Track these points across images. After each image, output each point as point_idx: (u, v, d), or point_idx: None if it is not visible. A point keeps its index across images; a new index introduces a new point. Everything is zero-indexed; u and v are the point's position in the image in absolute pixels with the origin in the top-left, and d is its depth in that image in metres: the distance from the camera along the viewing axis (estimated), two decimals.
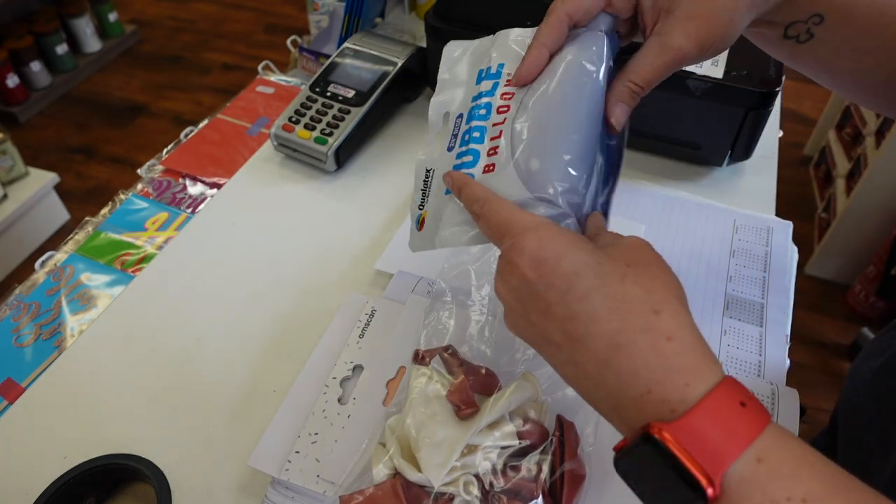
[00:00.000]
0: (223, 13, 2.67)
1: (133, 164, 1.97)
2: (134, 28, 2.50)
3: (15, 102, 2.09)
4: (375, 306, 0.51)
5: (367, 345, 0.49)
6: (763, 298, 0.54)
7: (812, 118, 2.07)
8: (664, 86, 0.61)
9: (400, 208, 0.64)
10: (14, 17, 2.11)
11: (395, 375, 0.46)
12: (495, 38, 0.42)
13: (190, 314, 0.55)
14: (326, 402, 0.45)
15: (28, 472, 0.45)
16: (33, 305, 0.57)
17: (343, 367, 0.47)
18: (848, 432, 0.49)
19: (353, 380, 0.47)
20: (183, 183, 0.70)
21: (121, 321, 0.54)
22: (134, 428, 0.47)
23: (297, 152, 0.67)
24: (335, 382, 0.46)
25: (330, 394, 0.46)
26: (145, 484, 0.44)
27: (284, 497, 0.41)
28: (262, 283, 0.57)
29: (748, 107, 0.60)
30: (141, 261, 0.61)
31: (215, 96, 2.24)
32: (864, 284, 1.52)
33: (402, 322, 0.49)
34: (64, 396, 0.49)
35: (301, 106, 0.68)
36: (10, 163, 1.65)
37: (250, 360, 0.51)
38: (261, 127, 0.76)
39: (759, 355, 0.50)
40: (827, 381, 1.44)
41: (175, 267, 0.59)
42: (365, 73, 0.70)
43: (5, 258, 1.66)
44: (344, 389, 0.46)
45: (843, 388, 0.50)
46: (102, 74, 2.35)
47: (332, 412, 0.45)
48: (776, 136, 0.73)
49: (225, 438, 0.46)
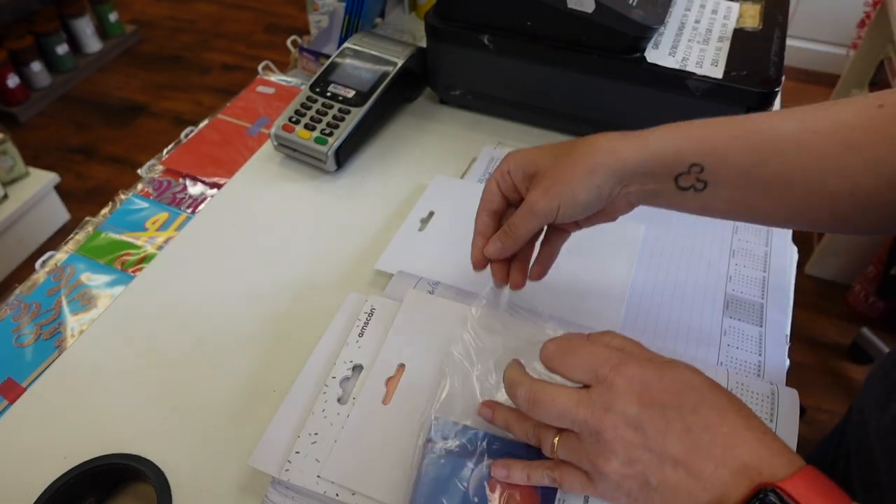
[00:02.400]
0: (223, 13, 2.67)
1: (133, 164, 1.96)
2: (134, 28, 2.50)
3: (15, 102, 2.09)
4: (375, 305, 0.51)
5: (367, 344, 0.49)
6: (763, 298, 0.54)
7: None
8: (664, 86, 0.62)
9: (400, 208, 0.64)
10: (14, 18, 2.11)
11: (394, 374, 0.46)
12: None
13: (190, 314, 0.55)
14: (326, 402, 0.45)
15: (28, 472, 0.45)
16: (33, 305, 0.57)
17: (343, 366, 0.47)
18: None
19: (352, 380, 0.47)
20: (183, 183, 0.70)
21: (121, 321, 0.55)
22: (134, 428, 0.47)
23: (297, 152, 0.67)
24: (335, 382, 0.46)
25: (330, 394, 0.46)
26: (145, 484, 0.44)
27: (285, 497, 0.41)
28: (262, 283, 0.57)
29: (748, 107, 0.60)
30: (141, 261, 0.61)
31: (215, 96, 2.24)
32: (864, 284, 1.52)
33: (400, 318, 0.49)
34: (64, 396, 0.49)
35: (301, 106, 0.68)
36: (11, 163, 1.65)
37: (250, 360, 0.51)
38: (261, 127, 0.76)
39: (758, 355, 0.50)
40: (826, 381, 1.45)
41: (175, 267, 0.59)
42: (365, 73, 0.70)
43: (6, 258, 1.66)
44: (344, 389, 0.46)
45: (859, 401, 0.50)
46: (102, 74, 2.35)
47: (331, 412, 0.45)
48: None
49: (225, 438, 0.46)
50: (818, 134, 0.38)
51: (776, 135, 0.39)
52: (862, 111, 0.38)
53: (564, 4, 0.60)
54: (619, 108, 0.66)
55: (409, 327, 0.49)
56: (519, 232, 0.43)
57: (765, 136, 0.39)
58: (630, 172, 0.41)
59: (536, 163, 0.43)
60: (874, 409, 0.41)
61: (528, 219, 0.43)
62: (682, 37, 0.66)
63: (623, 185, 0.41)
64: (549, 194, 0.41)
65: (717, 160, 0.39)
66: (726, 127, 0.40)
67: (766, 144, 0.39)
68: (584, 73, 0.65)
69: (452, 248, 0.55)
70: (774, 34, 0.65)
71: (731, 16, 0.69)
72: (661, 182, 0.41)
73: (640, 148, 0.40)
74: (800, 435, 0.42)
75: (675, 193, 0.41)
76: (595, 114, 0.68)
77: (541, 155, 0.44)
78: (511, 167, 0.45)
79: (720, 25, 0.67)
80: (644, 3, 0.61)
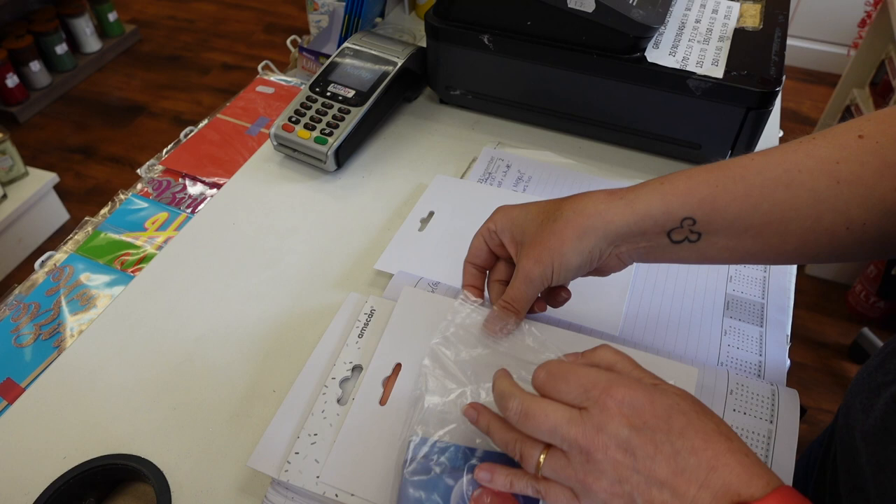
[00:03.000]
0: (223, 13, 2.67)
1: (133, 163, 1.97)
2: (133, 28, 2.50)
3: (14, 102, 2.09)
4: (375, 306, 0.51)
5: (367, 345, 0.48)
6: (763, 298, 0.54)
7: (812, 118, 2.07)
8: (665, 85, 0.62)
9: (400, 208, 0.64)
10: (13, 17, 2.11)
11: (390, 373, 0.46)
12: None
13: (190, 314, 0.55)
14: (326, 403, 0.45)
15: (28, 473, 0.45)
16: (33, 305, 0.57)
17: (342, 367, 0.47)
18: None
19: (352, 380, 0.47)
20: (183, 183, 0.69)
21: (120, 321, 0.54)
22: (134, 428, 0.47)
23: (297, 152, 0.67)
24: (334, 383, 0.46)
25: (329, 394, 0.45)
26: (145, 484, 0.44)
27: (284, 497, 0.41)
28: (262, 283, 0.57)
29: (748, 106, 0.60)
30: (141, 261, 0.61)
31: (215, 96, 2.24)
32: (865, 284, 1.52)
33: (396, 316, 0.49)
34: (63, 397, 0.49)
35: (301, 106, 0.68)
36: (10, 163, 1.65)
37: (250, 360, 0.51)
38: (261, 127, 0.76)
39: (759, 355, 0.50)
40: (827, 381, 1.44)
41: (175, 267, 0.59)
42: (365, 73, 0.69)
43: (5, 258, 1.66)
44: (343, 390, 0.46)
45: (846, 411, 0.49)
46: (102, 74, 2.35)
47: (331, 413, 0.44)
48: (776, 135, 0.73)
49: (225, 438, 0.46)
50: (805, 172, 0.38)
51: (765, 178, 0.39)
52: (843, 145, 0.38)
53: (564, 4, 0.60)
54: (619, 107, 0.66)
55: (405, 325, 0.49)
56: (520, 304, 0.44)
57: (753, 181, 0.39)
58: (620, 235, 0.41)
59: (523, 228, 0.44)
60: (859, 412, 0.41)
61: (525, 288, 0.43)
62: (683, 36, 0.66)
63: (614, 245, 0.42)
64: (541, 262, 0.42)
65: (709, 211, 0.39)
66: (712, 176, 0.40)
67: (756, 189, 0.39)
68: (584, 72, 0.64)
69: (452, 248, 0.55)
70: (775, 34, 0.65)
71: (732, 15, 0.69)
72: (654, 239, 0.41)
73: (627, 210, 0.40)
74: (800, 435, 0.42)
75: (668, 248, 0.41)
76: (595, 114, 0.68)
77: (527, 219, 0.44)
78: (498, 227, 0.45)
79: (721, 25, 0.67)
80: (644, 2, 0.61)
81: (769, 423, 0.42)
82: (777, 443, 0.42)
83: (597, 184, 0.64)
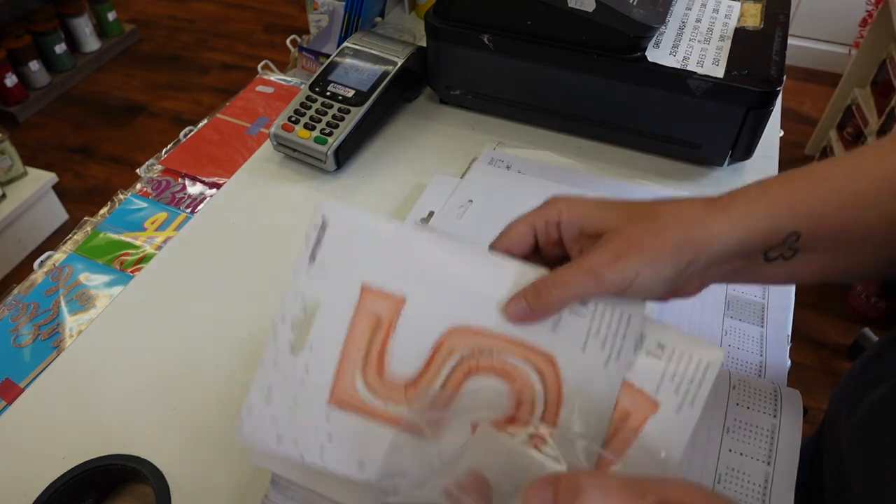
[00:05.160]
0: (223, 13, 2.66)
1: (132, 163, 1.97)
2: (133, 27, 2.49)
3: (13, 102, 2.09)
4: (328, 216, 0.37)
5: (323, 273, 0.37)
6: (764, 298, 0.54)
7: (813, 118, 2.07)
8: (665, 85, 0.62)
9: (400, 208, 0.64)
10: (13, 17, 2.11)
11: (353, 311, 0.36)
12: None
13: (189, 314, 0.55)
14: (278, 351, 0.36)
15: (27, 473, 0.45)
16: (32, 305, 0.57)
17: (293, 304, 0.36)
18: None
19: (307, 321, 0.36)
20: (182, 183, 0.69)
21: (120, 321, 0.54)
22: (133, 428, 0.47)
23: (297, 152, 0.67)
24: (285, 326, 0.36)
25: (280, 340, 0.36)
26: (144, 485, 0.44)
27: (285, 497, 0.41)
28: (262, 282, 0.57)
29: (749, 106, 0.60)
30: (140, 261, 0.61)
31: (215, 96, 2.24)
32: (866, 284, 1.52)
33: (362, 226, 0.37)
34: (63, 397, 0.49)
35: (301, 106, 0.68)
36: (9, 162, 1.65)
37: (250, 360, 0.51)
38: (260, 127, 0.76)
39: (760, 355, 0.50)
40: (828, 381, 1.44)
41: (174, 267, 0.59)
42: (365, 72, 0.69)
43: (4, 258, 1.65)
44: (295, 334, 0.36)
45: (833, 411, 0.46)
46: (101, 74, 2.35)
47: (284, 363, 0.36)
48: (777, 135, 0.73)
49: (225, 438, 0.46)
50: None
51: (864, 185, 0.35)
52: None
53: (565, 4, 0.60)
54: (619, 107, 0.66)
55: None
56: (561, 297, 0.34)
57: (856, 188, 0.35)
58: (721, 253, 0.35)
59: (602, 220, 0.36)
60: (844, 419, 0.41)
61: (584, 285, 0.34)
62: (683, 36, 0.65)
63: (707, 266, 0.35)
64: (623, 261, 0.33)
65: (816, 224, 0.34)
66: (813, 183, 0.35)
67: (859, 197, 0.34)
68: (584, 72, 0.64)
69: None
70: (776, 33, 0.65)
71: (733, 15, 0.69)
72: (749, 258, 0.36)
73: (733, 224, 0.34)
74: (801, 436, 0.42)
75: (758, 267, 0.36)
76: (595, 113, 0.68)
77: (603, 211, 0.36)
78: (563, 219, 0.36)
79: (721, 24, 0.67)
80: (645, 2, 0.61)
81: (773, 420, 0.42)
82: (780, 439, 0.42)
83: (597, 184, 0.64)
